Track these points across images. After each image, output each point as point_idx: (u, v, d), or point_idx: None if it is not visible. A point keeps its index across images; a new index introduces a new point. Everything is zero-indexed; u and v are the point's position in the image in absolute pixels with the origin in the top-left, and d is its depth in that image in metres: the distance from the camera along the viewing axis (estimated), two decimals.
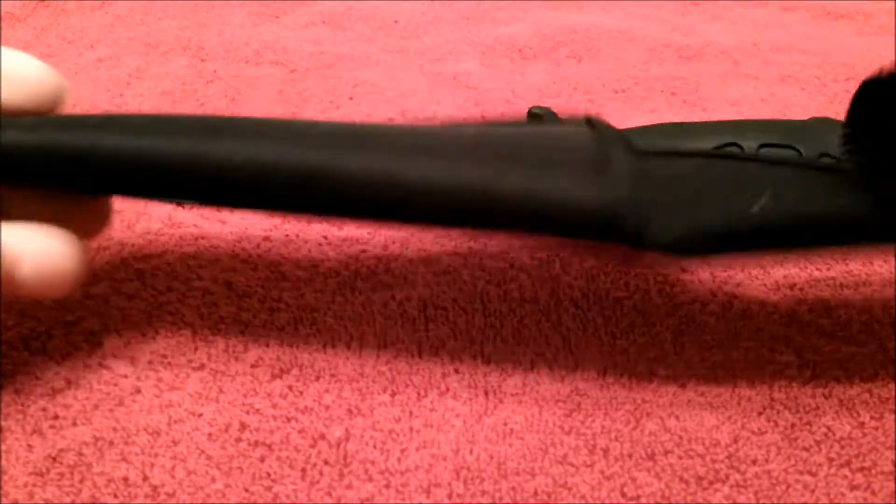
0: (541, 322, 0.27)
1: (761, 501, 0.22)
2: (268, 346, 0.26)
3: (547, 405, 0.24)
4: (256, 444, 0.23)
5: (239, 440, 0.23)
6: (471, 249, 0.30)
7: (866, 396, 0.25)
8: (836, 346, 0.27)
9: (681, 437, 0.24)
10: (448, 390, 0.25)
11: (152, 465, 0.22)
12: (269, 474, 0.22)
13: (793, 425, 0.24)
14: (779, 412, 0.25)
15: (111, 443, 0.23)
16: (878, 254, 0.29)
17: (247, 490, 0.22)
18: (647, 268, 0.28)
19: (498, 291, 0.28)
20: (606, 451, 0.23)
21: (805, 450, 0.24)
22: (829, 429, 0.24)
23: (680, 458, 0.23)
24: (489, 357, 0.26)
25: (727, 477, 0.23)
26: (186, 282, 0.28)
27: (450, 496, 0.22)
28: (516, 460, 0.23)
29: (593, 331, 0.27)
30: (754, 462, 0.23)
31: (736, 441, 0.24)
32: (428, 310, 0.27)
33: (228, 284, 0.28)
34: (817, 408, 0.25)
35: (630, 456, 0.23)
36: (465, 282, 0.29)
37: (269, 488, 0.22)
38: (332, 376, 0.25)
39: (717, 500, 0.22)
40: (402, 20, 0.44)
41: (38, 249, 0.21)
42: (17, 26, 0.42)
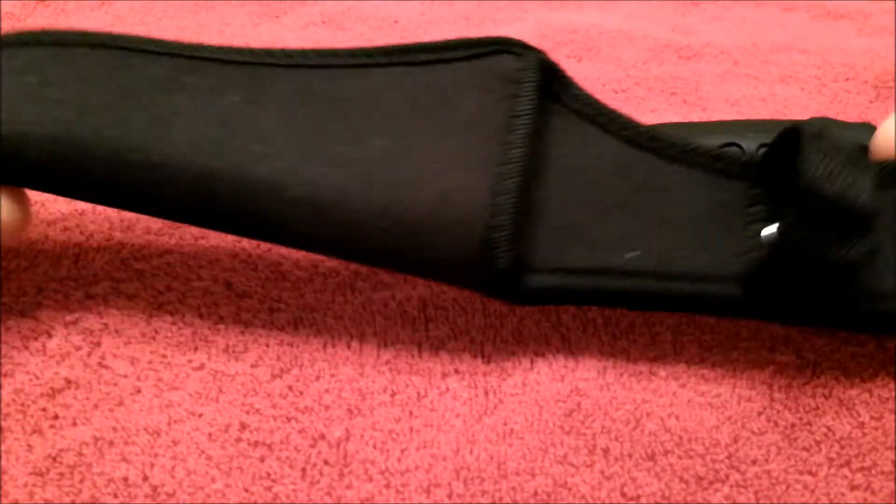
0: (541, 322, 0.27)
1: (761, 501, 0.22)
2: (268, 346, 0.26)
3: (547, 405, 0.24)
4: (256, 444, 0.23)
5: (239, 440, 0.23)
6: None
7: (866, 396, 0.25)
8: (836, 346, 0.27)
9: (681, 437, 0.24)
10: (448, 390, 0.25)
11: (152, 465, 0.22)
12: (269, 474, 0.22)
13: (793, 425, 0.24)
14: (779, 412, 0.25)
15: (111, 443, 0.23)
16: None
17: (247, 490, 0.22)
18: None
19: None
20: (606, 451, 0.23)
21: (805, 450, 0.24)
22: (829, 429, 0.24)
23: (680, 458, 0.23)
24: (489, 357, 0.26)
25: (727, 477, 0.23)
26: (186, 282, 0.28)
27: (450, 496, 0.22)
28: (516, 460, 0.23)
29: (593, 331, 0.27)
30: (754, 462, 0.23)
31: (736, 441, 0.24)
32: (428, 310, 0.27)
33: (228, 284, 0.28)
34: (817, 408, 0.25)
35: (630, 456, 0.23)
36: None
37: (269, 488, 0.22)
38: (332, 376, 0.25)
39: (717, 500, 0.22)
40: (402, 20, 0.44)
41: None
42: (17, 26, 0.42)
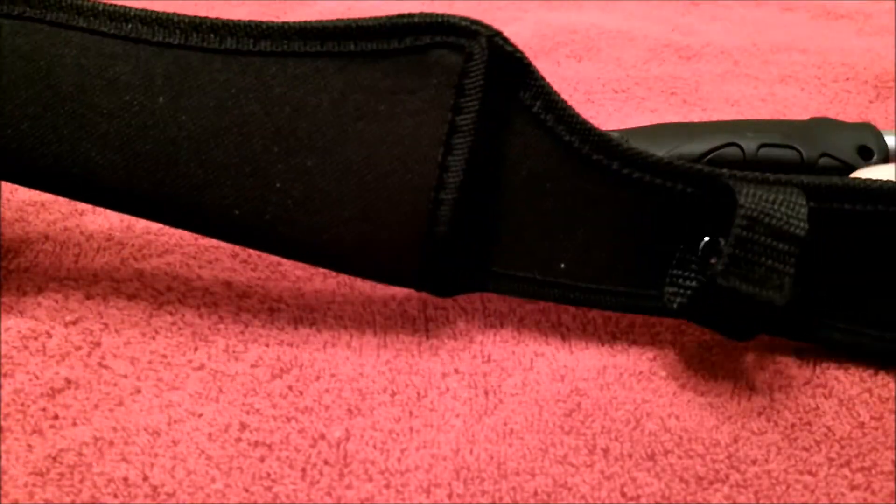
0: (541, 322, 0.27)
1: (761, 501, 0.22)
2: (268, 346, 0.26)
3: (547, 405, 0.24)
4: (256, 444, 0.23)
5: (239, 440, 0.23)
6: None
7: (866, 396, 0.25)
8: None
9: (681, 437, 0.24)
10: (448, 390, 0.25)
11: (152, 465, 0.22)
12: (269, 474, 0.22)
13: (793, 425, 0.24)
14: (779, 412, 0.25)
15: (111, 443, 0.23)
16: None
17: (247, 490, 0.22)
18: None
19: None
20: (606, 451, 0.23)
21: (805, 450, 0.24)
22: (829, 429, 0.24)
23: (680, 458, 0.23)
24: (489, 357, 0.26)
25: (727, 477, 0.23)
26: (186, 282, 0.28)
27: (450, 496, 0.22)
28: (516, 460, 0.23)
29: (593, 331, 0.27)
30: (754, 462, 0.23)
31: (736, 441, 0.24)
32: (428, 310, 0.27)
33: (228, 284, 0.28)
34: (817, 408, 0.25)
35: (630, 456, 0.23)
36: None
37: (269, 488, 0.22)
38: (332, 376, 0.25)
39: (717, 500, 0.22)
40: None
41: None
42: None
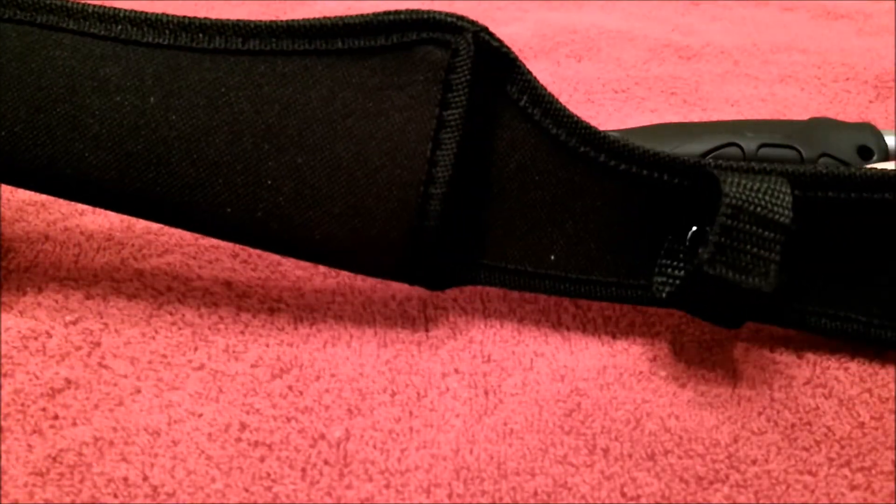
0: (541, 322, 0.27)
1: (761, 501, 0.22)
2: (268, 346, 0.26)
3: (547, 405, 0.24)
4: (256, 444, 0.23)
5: (239, 440, 0.23)
6: None
7: (866, 396, 0.25)
8: (836, 346, 0.27)
9: (681, 437, 0.24)
10: (448, 390, 0.25)
11: (152, 465, 0.22)
12: (269, 474, 0.22)
13: (793, 425, 0.24)
14: (779, 412, 0.25)
15: (111, 443, 0.23)
16: None
17: (247, 490, 0.22)
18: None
19: (498, 291, 0.28)
20: (606, 451, 0.23)
21: (805, 450, 0.24)
22: (829, 429, 0.24)
23: (680, 458, 0.23)
24: (489, 357, 0.26)
25: (727, 477, 0.23)
26: (186, 282, 0.28)
27: (450, 496, 0.22)
28: (516, 460, 0.23)
29: (593, 331, 0.27)
30: (754, 462, 0.23)
31: (736, 441, 0.24)
32: (428, 310, 0.27)
33: (228, 284, 0.28)
34: (817, 408, 0.25)
35: (630, 456, 0.23)
36: None
37: (269, 488, 0.22)
38: (332, 376, 0.25)
39: (717, 500, 0.22)
40: None
41: None
42: None
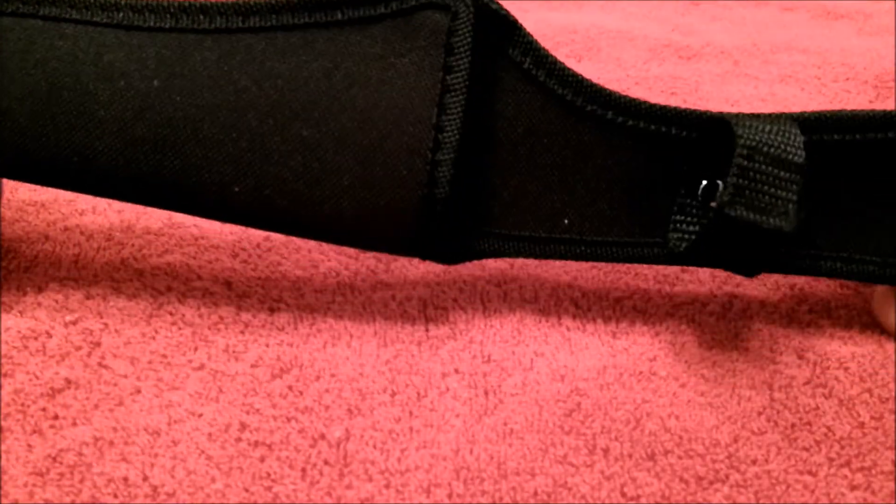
0: (541, 322, 0.27)
1: (761, 501, 0.22)
2: (268, 346, 0.26)
3: (547, 405, 0.24)
4: (256, 444, 0.23)
5: (239, 440, 0.23)
6: None
7: (866, 396, 0.25)
8: (836, 346, 0.27)
9: (681, 437, 0.24)
10: (448, 390, 0.25)
11: (152, 465, 0.22)
12: (269, 474, 0.22)
13: (793, 425, 0.24)
14: (779, 412, 0.25)
15: (111, 443, 0.23)
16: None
17: (247, 490, 0.22)
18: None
19: (498, 291, 0.28)
20: (606, 451, 0.23)
21: (805, 450, 0.24)
22: (829, 429, 0.24)
23: (680, 458, 0.23)
24: (489, 357, 0.26)
25: (727, 477, 0.23)
26: (186, 282, 0.28)
27: (450, 496, 0.22)
28: (516, 460, 0.23)
29: (593, 331, 0.27)
30: (754, 462, 0.23)
31: (736, 441, 0.24)
32: (428, 310, 0.27)
33: (228, 284, 0.28)
34: (817, 408, 0.25)
35: (630, 456, 0.23)
36: (465, 282, 0.29)
37: (269, 488, 0.22)
38: (332, 376, 0.25)
39: (717, 500, 0.22)
40: None
41: None
42: None
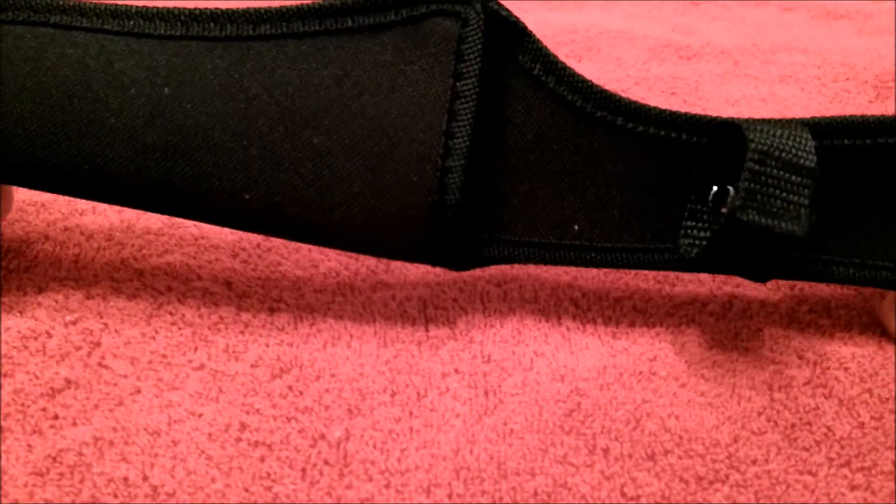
0: (541, 322, 0.27)
1: (761, 501, 0.22)
2: (268, 346, 0.26)
3: (547, 405, 0.24)
4: (256, 444, 0.23)
5: (239, 440, 0.23)
6: None
7: (866, 396, 0.25)
8: (836, 347, 0.27)
9: (681, 437, 0.24)
10: (448, 390, 0.25)
11: (152, 465, 0.22)
12: (269, 474, 0.22)
13: (793, 425, 0.24)
14: (779, 412, 0.25)
15: (111, 443, 0.23)
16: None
17: (247, 490, 0.22)
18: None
19: (498, 291, 0.28)
20: (606, 451, 0.23)
21: (805, 450, 0.24)
22: (829, 429, 0.24)
23: (680, 458, 0.23)
24: (489, 357, 0.26)
25: (727, 477, 0.23)
26: (186, 282, 0.28)
27: (450, 496, 0.22)
28: (516, 460, 0.23)
29: (593, 331, 0.27)
30: (754, 462, 0.23)
31: (736, 441, 0.24)
32: (428, 310, 0.27)
33: (228, 284, 0.28)
34: (817, 408, 0.25)
35: (630, 456, 0.23)
36: (465, 282, 0.29)
37: (269, 488, 0.22)
38: (332, 376, 0.25)
39: (717, 500, 0.22)
40: None
41: None
42: None
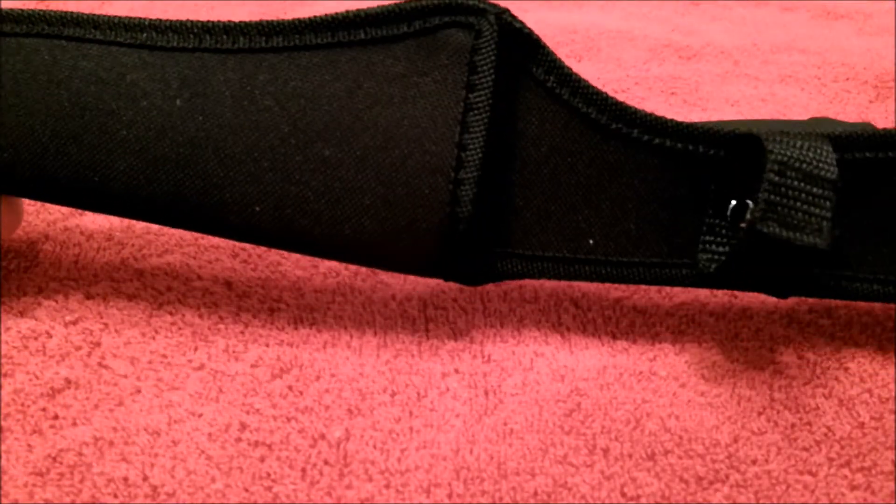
0: (541, 322, 0.27)
1: (761, 501, 0.22)
2: (268, 346, 0.26)
3: (547, 405, 0.24)
4: (256, 444, 0.23)
5: (239, 440, 0.23)
6: None
7: (866, 396, 0.25)
8: (836, 346, 0.27)
9: (681, 437, 0.24)
10: (448, 390, 0.25)
11: (152, 465, 0.22)
12: (269, 474, 0.22)
13: (793, 425, 0.24)
14: (779, 412, 0.25)
15: (111, 443, 0.23)
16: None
17: (247, 490, 0.22)
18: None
19: (498, 291, 0.28)
20: (606, 451, 0.23)
21: (805, 450, 0.24)
22: (829, 429, 0.24)
23: (680, 458, 0.23)
24: (489, 357, 0.26)
25: (727, 477, 0.23)
26: (186, 282, 0.28)
27: (450, 496, 0.22)
28: (516, 460, 0.23)
29: (593, 331, 0.27)
30: (754, 462, 0.23)
31: (736, 441, 0.24)
32: (428, 310, 0.27)
33: (228, 284, 0.28)
34: (817, 408, 0.25)
35: (630, 456, 0.23)
36: None
37: (269, 488, 0.22)
38: (332, 376, 0.25)
39: (717, 500, 0.22)
40: None
41: None
42: None
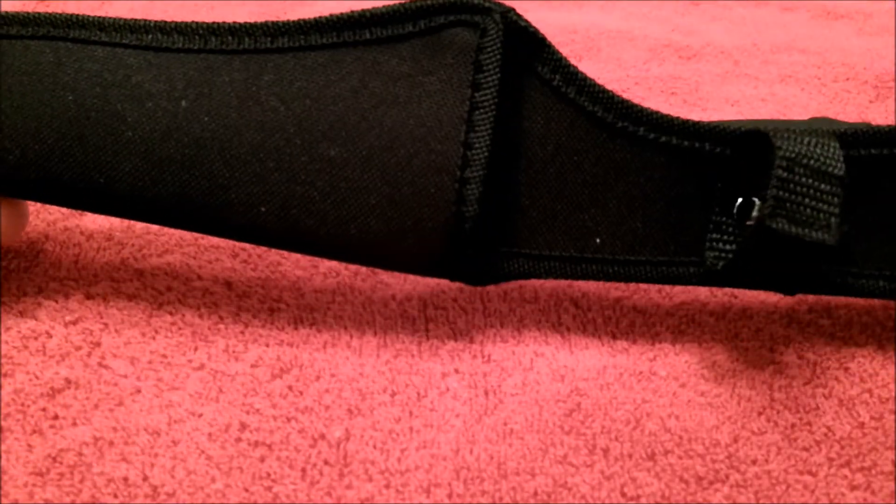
0: (541, 322, 0.27)
1: (761, 501, 0.22)
2: (268, 346, 0.26)
3: (547, 405, 0.24)
4: (256, 444, 0.23)
5: (239, 440, 0.23)
6: None
7: (866, 396, 0.25)
8: (836, 346, 0.27)
9: (681, 437, 0.24)
10: (448, 390, 0.25)
11: (152, 465, 0.22)
12: (269, 474, 0.22)
13: (793, 425, 0.24)
14: (779, 412, 0.25)
15: (111, 443, 0.23)
16: None
17: (247, 490, 0.22)
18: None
19: (498, 291, 0.28)
20: (606, 451, 0.23)
21: (805, 450, 0.24)
22: (829, 429, 0.24)
23: (680, 458, 0.23)
24: (489, 357, 0.26)
25: (727, 477, 0.23)
26: (186, 282, 0.28)
27: (450, 496, 0.22)
28: (516, 460, 0.23)
29: (593, 331, 0.27)
30: (754, 462, 0.23)
31: (736, 441, 0.24)
32: (428, 310, 0.27)
33: (228, 284, 0.28)
34: (817, 408, 0.25)
35: (630, 456, 0.23)
36: None
37: (269, 488, 0.22)
38: (332, 376, 0.25)
39: (717, 500, 0.22)
40: None
41: None
42: None
